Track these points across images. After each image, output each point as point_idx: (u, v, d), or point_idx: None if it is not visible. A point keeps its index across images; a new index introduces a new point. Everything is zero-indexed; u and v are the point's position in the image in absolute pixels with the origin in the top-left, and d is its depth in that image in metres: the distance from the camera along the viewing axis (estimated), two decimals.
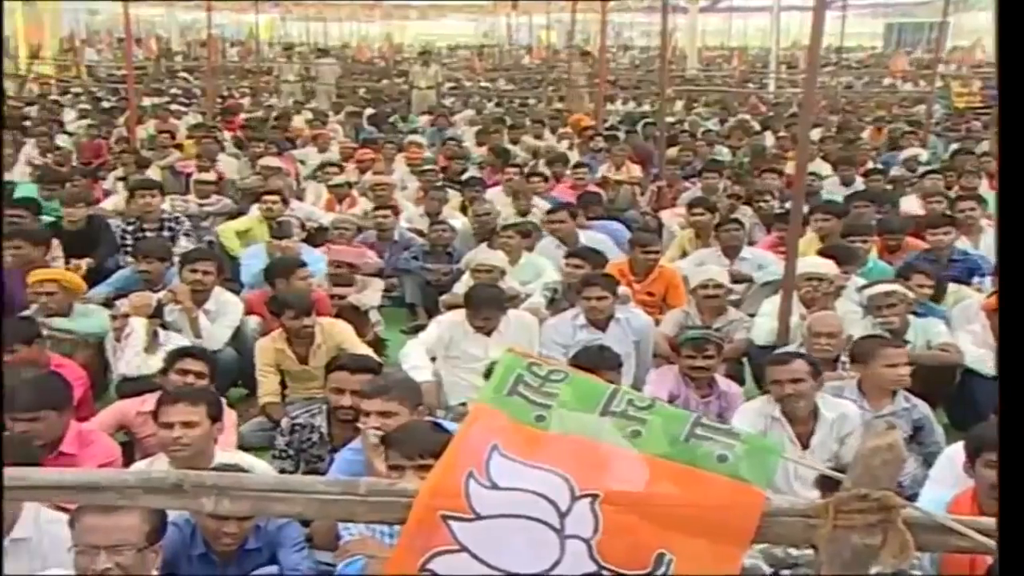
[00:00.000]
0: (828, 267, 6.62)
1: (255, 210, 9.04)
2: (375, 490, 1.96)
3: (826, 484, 2.79)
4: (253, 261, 7.86)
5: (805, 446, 4.88)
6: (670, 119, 15.99)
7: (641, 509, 1.99)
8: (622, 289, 6.81)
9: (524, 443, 2.04)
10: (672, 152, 12.77)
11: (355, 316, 6.88)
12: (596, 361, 5.10)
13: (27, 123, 15.17)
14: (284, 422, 5.08)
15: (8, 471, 1.94)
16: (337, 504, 1.96)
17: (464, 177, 11.52)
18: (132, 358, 5.94)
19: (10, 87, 21.00)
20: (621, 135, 14.67)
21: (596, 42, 28.36)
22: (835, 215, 8.29)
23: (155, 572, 3.06)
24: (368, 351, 6.02)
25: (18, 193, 9.72)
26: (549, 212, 8.70)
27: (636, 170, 12.18)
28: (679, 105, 20.97)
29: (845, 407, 4.98)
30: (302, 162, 13.23)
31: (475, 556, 1.96)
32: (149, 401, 4.89)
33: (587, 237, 8.37)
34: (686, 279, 7.33)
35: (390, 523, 2.40)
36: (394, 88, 23.19)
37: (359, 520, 2.50)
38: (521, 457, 2.01)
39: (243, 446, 5.08)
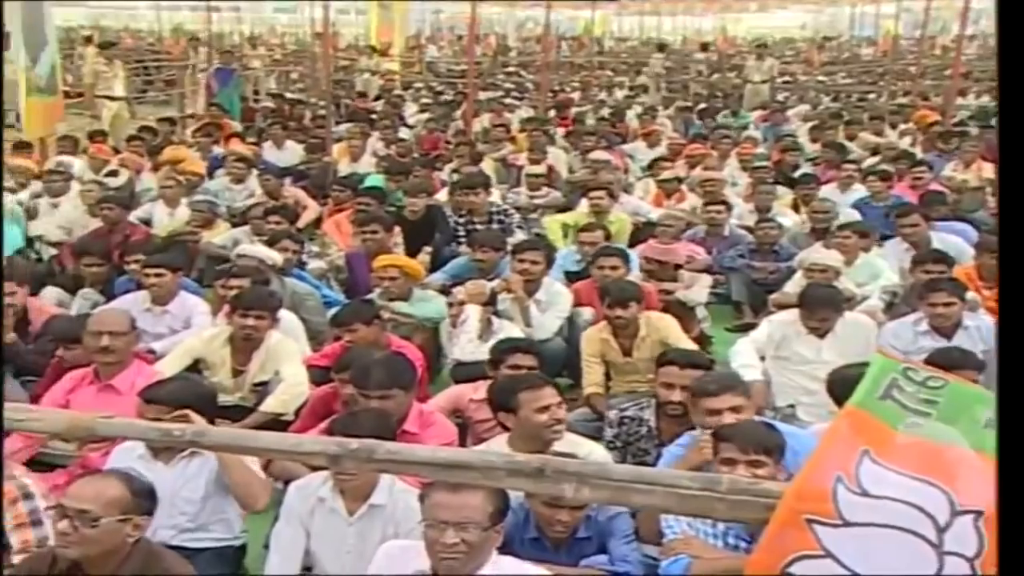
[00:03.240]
0: None
1: (584, 204, 9.12)
2: (736, 488, 1.89)
3: None
4: (567, 260, 7.89)
5: None
6: None
7: None
8: (970, 295, 6.37)
9: (896, 449, 1.91)
10: None
11: (682, 311, 6.79)
12: (958, 360, 4.84)
13: (373, 116, 16.12)
14: (613, 414, 5.08)
15: (387, 445, 2.01)
16: (697, 499, 1.90)
17: (796, 174, 11.18)
18: (466, 344, 6.15)
19: (358, 83, 22.47)
20: (973, 131, 13.67)
21: (950, 31, 26.68)
22: None
23: (495, 552, 3.12)
24: (693, 347, 5.93)
25: (367, 183, 10.33)
26: (900, 215, 8.23)
27: (988, 169, 11.31)
28: None
29: None
30: (631, 157, 13.28)
31: (840, 563, 1.86)
32: (481, 388, 5.06)
33: (939, 240, 7.87)
34: None
35: (749, 522, 2.32)
36: (726, 82, 22.78)
37: (717, 517, 2.43)
38: (894, 464, 1.88)
39: None
